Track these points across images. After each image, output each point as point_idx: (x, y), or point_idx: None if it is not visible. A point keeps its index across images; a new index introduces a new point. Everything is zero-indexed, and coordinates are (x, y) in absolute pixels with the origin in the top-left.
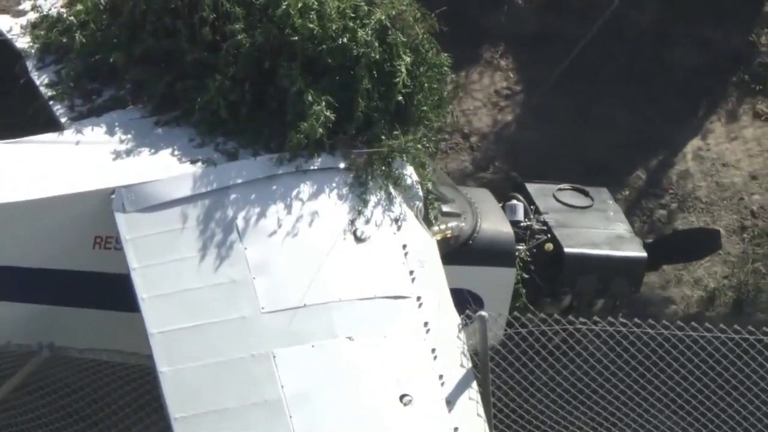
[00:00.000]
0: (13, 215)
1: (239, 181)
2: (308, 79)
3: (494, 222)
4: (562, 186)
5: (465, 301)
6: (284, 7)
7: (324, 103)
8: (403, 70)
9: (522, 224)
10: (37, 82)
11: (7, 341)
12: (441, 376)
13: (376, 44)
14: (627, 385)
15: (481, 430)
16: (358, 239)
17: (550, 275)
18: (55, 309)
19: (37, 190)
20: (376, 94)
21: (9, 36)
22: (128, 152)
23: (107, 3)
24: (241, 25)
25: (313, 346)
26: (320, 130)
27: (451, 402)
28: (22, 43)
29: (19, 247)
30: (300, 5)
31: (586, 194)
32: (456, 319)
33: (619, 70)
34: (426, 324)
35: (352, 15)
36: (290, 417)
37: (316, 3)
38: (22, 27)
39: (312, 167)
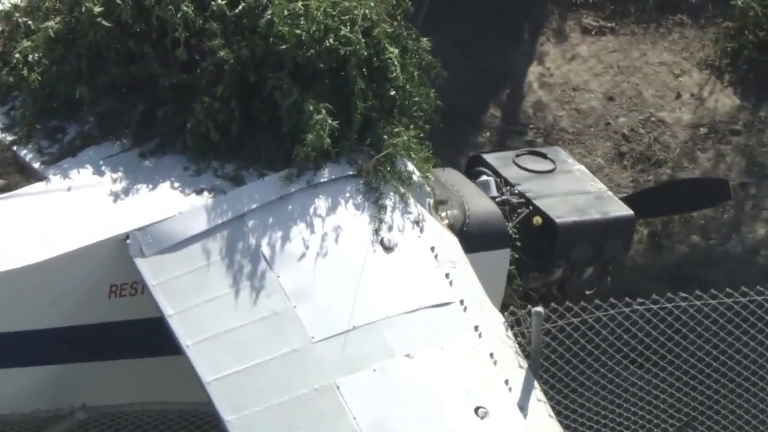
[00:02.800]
0: (24, 280)
1: (253, 206)
2: (299, 87)
3: (479, 203)
4: (518, 152)
5: None
6: (268, 16)
7: (324, 111)
8: (396, 63)
9: (498, 200)
10: None
11: (36, 407)
12: (507, 381)
13: (363, 40)
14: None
15: (554, 423)
16: (387, 248)
17: (540, 249)
18: (79, 366)
19: (44, 251)
20: (371, 92)
21: None
22: (126, 191)
23: (59, 33)
24: (221, 41)
25: (374, 370)
26: (327, 140)
27: (523, 407)
28: None
29: (33, 310)
30: (286, 12)
31: (544, 156)
32: (500, 317)
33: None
34: (476, 328)
35: (333, 13)
36: None
37: (301, 7)
38: None
39: (322, 180)
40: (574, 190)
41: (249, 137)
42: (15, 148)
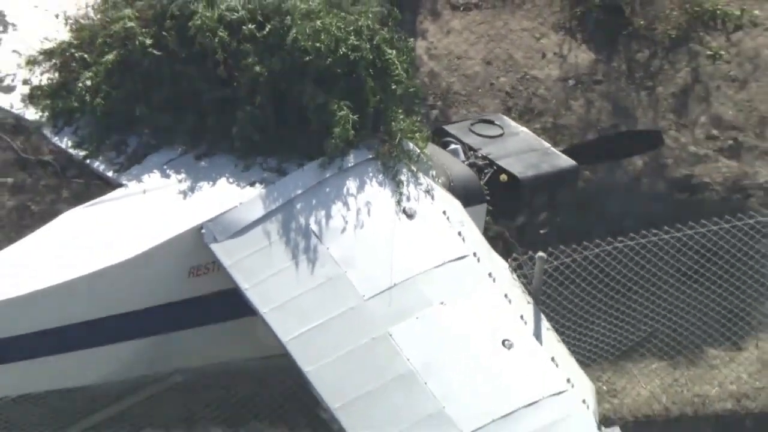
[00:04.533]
0: (126, 271)
1: (298, 191)
2: (322, 90)
3: (457, 168)
4: (471, 121)
5: None
6: (293, 35)
7: (346, 108)
8: (395, 62)
9: (468, 163)
10: (62, 146)
11: (141, 373)
12: (522, 316)
13: (368, 46)
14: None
15: (566, 354)
16: (409, 216)
17: (506, 200)
18: (170, 336)
19: (137, 246)
20: (378, 88)
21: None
22: (192, 189)
23: (115, 64)
24: (254, 59)
25: (417, 318)
26: (351, 131)
27: (537, 336)
28: (30, 114)
29: (132, 294)
30: (307, 30)
31: (492, 123)
32: (504, 263)
33: None
34: (490, 275)
35: (342, 27)
36: (426, 384)
37: (319, 25)
38: (22, 98)
39: (349, 164)
40: (525, 149)
41: (285, 135)
42: (88, 161)
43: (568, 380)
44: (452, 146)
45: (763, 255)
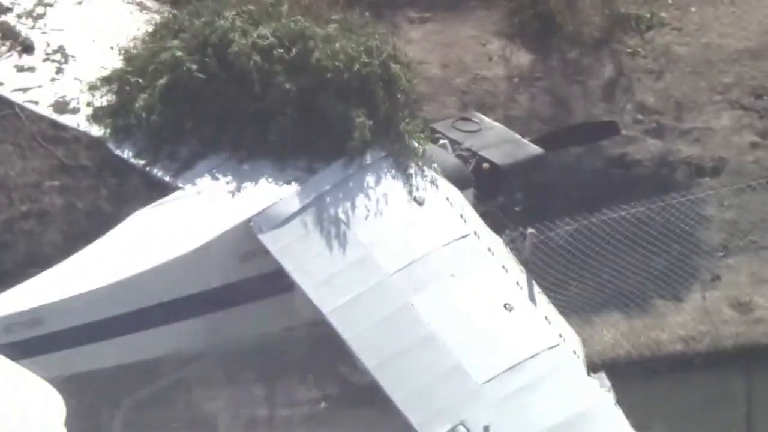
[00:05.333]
0: (192, 259)
1: (327, 187)
2: (342, 101)
3: (448, 159)
4: (452, 120)
5: None
6: (316, 56)
7: (363, 115)
8: (400, 74)
9: (455, 155)
10: (124, 156)
11: (205, 343)
12: (518, 283)
13: (377, 63)
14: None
15: (555, 312)
16: (419, 203)
17: (489, 184)
18: (228, 312)
19: (200, 238)
20: (387, 97)
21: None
22: (239, 189)
23: (167, 86)
24: (285, 78)
25: (432, 288)
26: (368, 134)
27: (531, 299)
28: (95, 131)
29: (196, 279)
30: (328, 52)
31: (470, 120)
32: (498, 238)
33: None
34: (489, 249)
35: (355, 47)
36: (444, 343)
37: (338, 48)
38: (87, 118)
39: (367, 162)
40: (500, 141)
41: (312, 140)
42: (147, 168)
43: (560, 335)
44: (441, 141)
45: (697, 222)
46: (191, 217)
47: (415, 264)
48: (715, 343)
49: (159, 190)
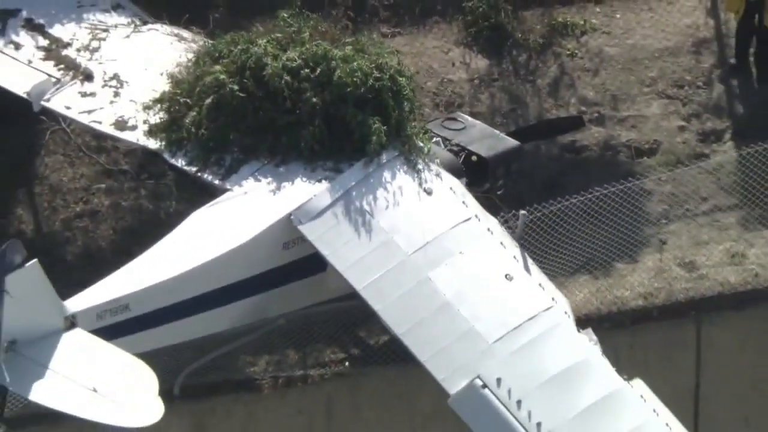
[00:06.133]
0: (245, 249)
1: (352, 183)
2: (360, 111)
3: (442, 154)
4: (441, 119)
5: None
6: (338, 74)
7: (378, 122)
8: (405, 85)
9: (447, 149)
10: (178, 165)
11: (254, 320)
12: (514, 256)
13: (387, 77)
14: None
15: (546, 279)
16: (428, 193)
17: (476, 174)
18: (273, 291)
19: (251, 230)
20: (396, 106)
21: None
22: (279, 188)
23: (213, 104)
24: (311, 93)
25: (446, 264)
26: (384, 138)
27: (526, 269)
28: (152, 145)
29: (248, 265)
30: (347, 70)
31: (456, 119)
32: (494, 220)
33: None
34: (489, 229)
35: (369, 65)
36: (458, 310)
37: (356, 66)
38: (143, 133)
39: (384, 161)
40: (483, 136)
41: (337, 145)
42: (198, 174)
43: (553, 299)
44: (434, 139)
45: (642, 196)
46: (242, 213)
47: (429, 245)
48: (669, 297)
49: (187, 189)
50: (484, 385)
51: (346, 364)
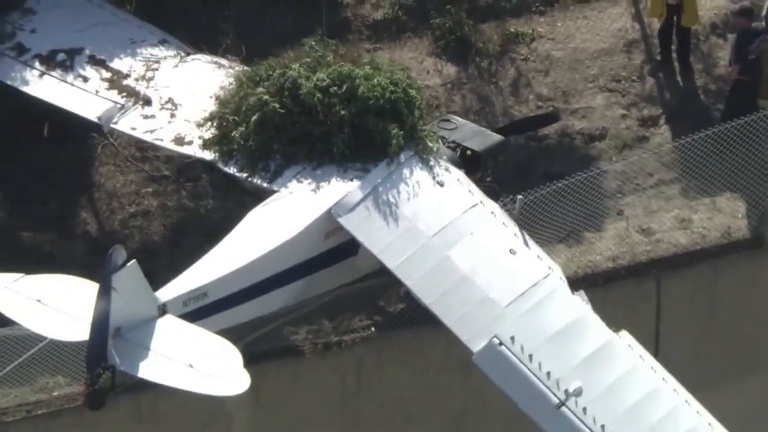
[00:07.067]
0: (296, 240)
1: (379, 180)
2: (380, 119)
3: (443, 150)
4: (436, 121)
5: None
6: (361, 90)
7: (396, 129)
8: (416, 96)
9: (445, 146)
10: (230, 172)
11: (300, 300)
12: (515, 234)
13: (400, 90)
14: None
15: (542, 251)
16: (441, 185)
17: (471, 166)
18: (317, 275)
19: (299, 224)
20: (409, 113)
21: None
22: (318, 188)
23: (257, 121)
24: (340, 107)
25: (461, 244)
26: (402, 141)
27: (526, 244)
28: (207, 156)
29: (297, 252)
30: (369, 86)
31: (448, 120)
32: (495, 204)
33: None
34: (492, 212)
35: (385, 80)
36: (475, 281)
37: (376, 83)
38: (199, 147)
39: (402, 160)
40: (473, 134)
41: (363, 149)
42: (249, 179)
43: (549, 267)
44: None
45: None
46: (291, 210)
47: (445, 228)
48: (633, 259)
49: (220, 189)
50: (501, 343)
51: (372, 329)
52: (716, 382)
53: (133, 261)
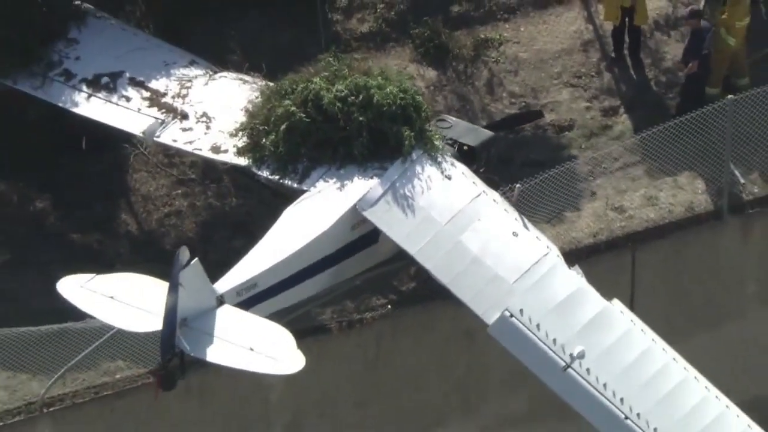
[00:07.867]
0: (328, 232)
1: (396, 177)
2: (394, 123)
3: (446, 147)
4: (433, 120)
5: None
6: (376, 98)
7: (408, 130)
8: (422, 102)
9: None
10: (263, 176)
11: (332, 285)
12: (516, 218)
13: (408, 97)
14: None
15: (540, 232)
16: (449, 178)
17: (467, 158)
18: (345, 262)
19: (330, 218)
20: (417, 117)
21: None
22: (343, 186)
23: (286, 129)
24: (358, 114)
25: (470, 229)
26: (413, 141)
27: (525, 227)
28: (242, 162)
29: (328, 243)
30: (383, 95)
31: (444, 120)
32: (496, 192)
33: None
34: (494, 200)
35: (395, 88)
36: (485, 262)
37: (389, 91)
38: (233, 154)
39: (414, 158)
40: (467, 131)
41: (380, 150)
42: (280, 181)
43: (547, 246)
44: None
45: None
46: (321, 207)
47: (456, 216)
48: (610, 234)
49: (241, 189)
50: (512, 315)
51: (388, 307)
52: (686, 337)
53: (196, 259)
